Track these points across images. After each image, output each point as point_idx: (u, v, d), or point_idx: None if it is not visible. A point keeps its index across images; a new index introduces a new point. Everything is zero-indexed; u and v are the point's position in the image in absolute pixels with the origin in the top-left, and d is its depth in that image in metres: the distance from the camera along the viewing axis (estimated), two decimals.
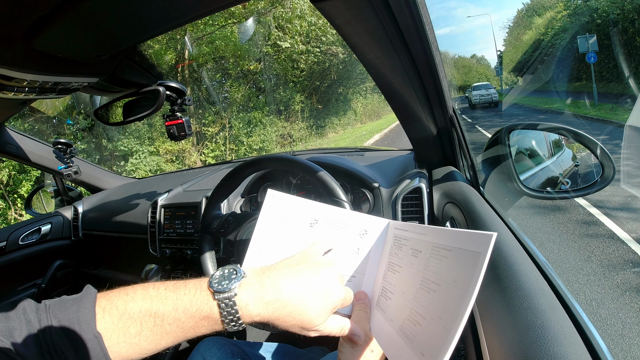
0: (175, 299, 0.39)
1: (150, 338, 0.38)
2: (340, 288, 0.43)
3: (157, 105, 0.85)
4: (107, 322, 0.38)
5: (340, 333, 0.44)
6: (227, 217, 0.89)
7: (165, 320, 0.38)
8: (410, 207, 0.94)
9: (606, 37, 12.27)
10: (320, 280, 0.42)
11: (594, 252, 2.36)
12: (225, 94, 9.17)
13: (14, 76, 0.58)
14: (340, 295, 0.43)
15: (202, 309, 0.38)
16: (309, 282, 0.41)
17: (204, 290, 0.40)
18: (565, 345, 0.33)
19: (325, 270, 0.43)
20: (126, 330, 0.38)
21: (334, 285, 0.43)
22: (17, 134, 1.40)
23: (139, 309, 0.38)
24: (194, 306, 0.38)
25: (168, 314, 0.38)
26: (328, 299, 0.41)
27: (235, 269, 0.42)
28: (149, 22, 0.58)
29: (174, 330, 0.39)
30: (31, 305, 0.38)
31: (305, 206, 0.52)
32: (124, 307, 0.38)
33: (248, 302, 0.39)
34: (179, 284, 0.41)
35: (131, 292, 0.40)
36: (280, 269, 0.43)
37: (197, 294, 0.39)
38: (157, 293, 0.40)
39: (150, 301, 0.39)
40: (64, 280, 1.67)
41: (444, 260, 0.37)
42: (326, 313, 0.41)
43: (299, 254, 0.46)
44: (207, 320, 0.39)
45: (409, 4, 0.50)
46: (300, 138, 10.55)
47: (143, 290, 0.40)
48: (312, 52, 9.82)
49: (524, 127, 0.95)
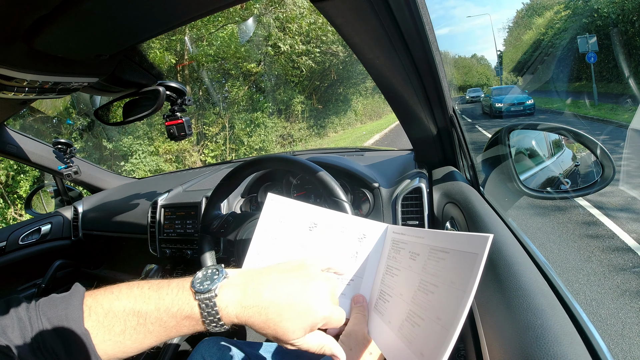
0: (158, 298, 0.39)
1: (134, 337, 0.39)
2: (326, 307, 0.41)
3: (157, 105, 0.85)
4: (93, 320, 0.38)
5: (320, 352, 0.41)
6: (227, 217, 0.89)
7: (148, 320, 0.38)
8: (410, 207, 0.94)
9: (606, 37, 12.27)
10: (305, 295, 0.40)
11: (594, 252, 2.36)
12: (226, 94, 9.17)
13: (14, 76, 0.58)
14: (324, 314, 0.40)
15: (183, 309, 0.38)
16: (292, 294, 0.39)
17: (186, 290, 0.39)
18: (565, 345, 0.33)
19: (315, 284, 0.41)
20: (111, 328, 0.38)
21: (319, 302, 0.40)
22: (17, 134, 1.40)
23: (123, 307, 0.39)
24: (175, 306, 0.38)
25: (150, 313, 0.38)
26: (308, 315, 0.39)
27: (218, 269, 0.41)
28: (149, 22, 0.58)
29: (157, 330, 0.39)
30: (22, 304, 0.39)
31: (304, 210, 0.53)
32: (108, 306, 0.39)
33: (227, 303, 0.39)
34: (162, 283, 0.41)
35: (116, 291, 0.40)
36: (269, 274, 0.42)
37: (179, 294, 0.39)
38: (140, 292, 0.40)
39: (133, 300, 0.39)
40: (64, 280, 1.67)
41: (441, 262, 0.38)
42: (304, 329, 0.39)
43: (296, 261, 0.45)
44: (189, 320, 0.39)
45: (409, 4, 0.50)
46: (300, 138, 10.55)
47: (127, 289, 0.40)
48: (312, 52, 9.82)
49: (524, 127, 0.96)
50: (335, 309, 0.42)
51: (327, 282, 0.43)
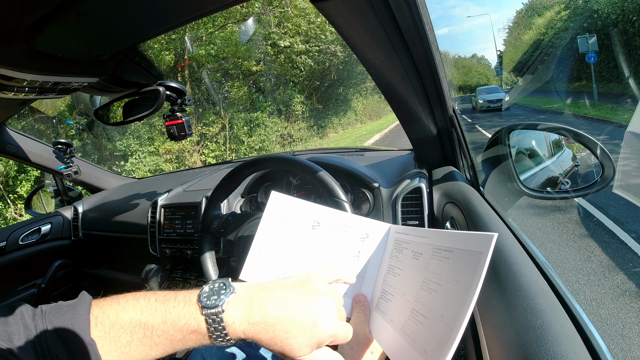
0: (164, 311, 0.39)
1: (140, 349, 0.38)
2: (333, 323, 0.40)
3: (157, 105, 0.85)
4: (100, 331, 0.38)
5: None
6: (227, 217, 0.89)
7: (155, 332, 0.38)
8: (410, 207, 0.94)
9: (606, 37, 12.27)
10: (310, 311, 0.39)
11: (594, 252, 2.35)
12: (225, 93, 9.17)
13: (14, 76, 0.58)
14: (331, 331, 0.39)
15: (189, 323, 0.38)
16: (298, 310, 0.39)
17: (193, 304, 0.39)
18: (565, 345, 0.33)
19: (320, 300, 0.40)
20: (117, 339, 0.38)
21: (325, 319, 0.39)
22: (17, 134, 1.40)
23: (130, 319, 0.38)
24: (182, 320, 0.38)
25: (157, 326, 0.38)
26: (315, 332, 0.38)
27: (225, 283, 0.41)
28: (149, 22, 0.58)
29: (163, 342, 0.39)
30: (28, 311, 0.39)
31: (307, 209, 0.53)
32: (115, 317, 0.39)
33: (234, 319, 0.38)
34: (169, 296, 0.41)
35: (122, 301, 0.40)
36: (273, 290, 0.41)
37: (186, 308, 0.39)
38: (147, 304, 0.40)
39: (140, 312, 0.39)
40: (64, 280, 1.67)
41: (444, 261, 0.38)
42: (310, 346, 0.38)
43: (299, 276, 0.44)
44: (195, 334, 0.39)
45: (409, 4, 0.50)
46: (300, 138, 10.55)
47: (134, 300, 0.40)
48: (312, 52, 9.81)
49: (524, 127, 0.96)
50: (341, 326, 0.41)
51: (332, 298, 0.42)
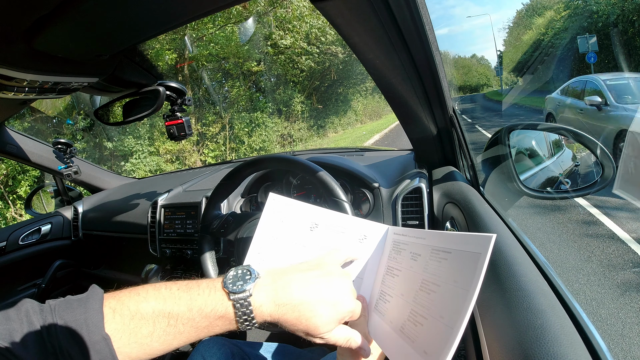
0: (189, 299, 0.39)
1: (163, 338, 0.38)
2: (352, 300, 0.43)
3: (157, 105, 0.85)
4: (118, 323, 0.37)
5: (346, 345, 0.43)
6: (227, 217, 0.89)
7: (180, 321, 0.38)
8: (410, 207, 0.94)
9: (606, 38, 12.27)
10: (332, 289, 0.42)
11: (594, 252, 2.35)
12: (226, 93, 9.17)
13: (14, 76, 0.59)
14: (350, 307, 0.43)
15: (217, 309, 0.39)
16: (320, 289, 0.41)
17: (219, 290, 0.40)
18: (565, 345, 0.33)
19: (338, 280, 0.43)
20: (138, 330, 0.37)
21: (345, 296, 0.43)
22: (17, 134, 1.40)
23: (152, 309, 0.38)
24: (209, 306, 0.39)
25: (182, 314, 0.38)
26: (337, 308, 0.41)
27: (250, 269, 0.42)
28: (149, 22, 0.58)
29: (188, 330, 0.39)
30: (34, 307, 0.37)
31: (306, 210, 0.53)
32: (135, 308, 0.38)
33: (262, 303, 0.40)
34: (191, 284, 0.41)
35: (142, 292, 0.40)
36: (293, 273, 0.43)
37: (212, 294, 0.40)
38: (170, 293, 0.40)
39: (163, 301, 0.39)
40: (64, 280, 1.67)
41: (443, 262, 0.38)
42: (334, 322, 0.41)
43: (314, 260, 0.46)
44: (222, 320, 0.39)
45: (409, 4, 0.50)
46: (300, 138, 10.55)
47: (155, 290, 0.40)
48: (312, 52, 9.81)
49: (524, 127, 0.95)
50: (357, 303, 0.45)
51: (347, 278, 0.45)
